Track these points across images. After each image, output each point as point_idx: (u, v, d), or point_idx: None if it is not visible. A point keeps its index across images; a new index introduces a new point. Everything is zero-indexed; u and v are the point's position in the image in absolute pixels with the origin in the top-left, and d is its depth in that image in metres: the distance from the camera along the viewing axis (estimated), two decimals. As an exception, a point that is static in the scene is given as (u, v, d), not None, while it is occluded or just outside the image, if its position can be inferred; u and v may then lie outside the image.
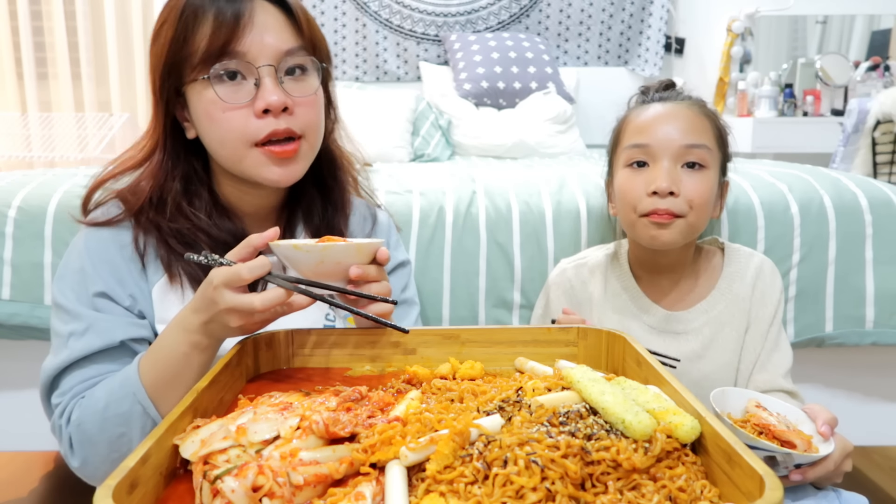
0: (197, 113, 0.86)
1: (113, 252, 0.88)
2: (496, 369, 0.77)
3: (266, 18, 0.83)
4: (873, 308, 1.27)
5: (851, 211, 1.29)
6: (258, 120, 0.83)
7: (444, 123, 2.69)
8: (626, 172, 1.05)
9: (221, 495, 0.48)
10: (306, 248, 0.72)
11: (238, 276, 0.69)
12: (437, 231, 1.27)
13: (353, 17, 3.20)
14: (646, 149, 1.02)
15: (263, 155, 0.85)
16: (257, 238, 0.74)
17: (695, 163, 1.00)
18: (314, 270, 0.74)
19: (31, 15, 3.32)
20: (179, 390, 0.76)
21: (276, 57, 0.83)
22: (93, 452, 0.80)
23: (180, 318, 0.77)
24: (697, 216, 1.01)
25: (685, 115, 1.02)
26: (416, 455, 0.51)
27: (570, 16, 3.28)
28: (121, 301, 0.87)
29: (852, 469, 0.89)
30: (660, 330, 1.07)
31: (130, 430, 0.78)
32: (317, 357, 0.81)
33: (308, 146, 0.89)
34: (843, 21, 3.66)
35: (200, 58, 0.81)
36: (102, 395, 0.79)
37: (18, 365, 1.36)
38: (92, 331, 0.84)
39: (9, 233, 1.27)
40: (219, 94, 0.82)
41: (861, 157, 2.58)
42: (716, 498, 0.49)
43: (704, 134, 1.02)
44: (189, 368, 0.77)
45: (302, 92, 0.86)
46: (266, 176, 0.86)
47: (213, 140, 0.86)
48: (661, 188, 0.98)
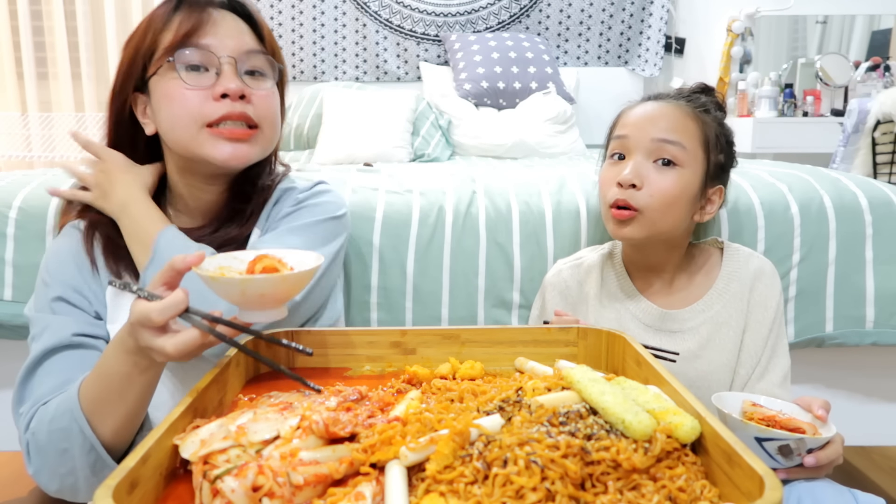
0: (157, 98, 0.90)
1: (67, 259, 0.93)
2: (496, 369, 0.77)
3: (229, 23, 0.91)
4: (873, 308, 1.27)
5: (851, 211, 1.29)
6: (215, 102, 0.88)
7: (444, 123, 2.69)
8: (606, 164, 1.07)
9: (221, 495, 0.48)
10: (224, 281, 0.67)
11: (148, 318, 0.66)
12: (436, 231, 1.27)
13: (353, 17, 3.20)
14: (623, 140, 1.03)
15: (212, 135, 0.88)
16: (180, 262, 0.69)
17: (668, 160, 1.00)
18: (241, 302, 0.69)
19: (31, 15, 3.32)
20: (122, 409, 0.75)
21: (238, 52, 0.90)
22: (44, 464, 0.80)
23: (119, 338, 0.73)
24: (660, 213, 1.00)
25: (669, 112, 1.02)
26: (416, 455, 0.51)
27: (570, 16, 3.28)
28: (77, 304, 0.90)
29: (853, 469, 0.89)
30: (656, 328, 1.07)
31: (72, 447, 0.77)
32: (317, 357, 0.81)
33: (263, 137, 0.92)
34: (843, 21, 3.66)
35: (166, 48, 0.88)
36: (52, 408, 0.79)
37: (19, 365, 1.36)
38: (48, 331, 0.87)
39: (10, 233, 1.27)
40: (181, 76, 0.87)
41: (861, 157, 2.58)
42: (716, 498, 0.49)
43: (684, 133, 1.01)
44: (132, 387, 0.74)
45: (259, 87, 0.92)
46: (215, 155, 0.88)
47: (167, 121, 0.90)
48: (624, 178, 1.00)
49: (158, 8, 0.91)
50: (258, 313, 0.70)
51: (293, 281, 0.69)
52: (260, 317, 0.70)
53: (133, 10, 3.36)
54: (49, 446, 0.78)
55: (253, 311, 0.70)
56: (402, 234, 1.25)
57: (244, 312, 0.70)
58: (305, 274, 0.69)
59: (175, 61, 0.87)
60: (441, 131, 2.66)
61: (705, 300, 1.08)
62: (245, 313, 0.70)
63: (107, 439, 0.76)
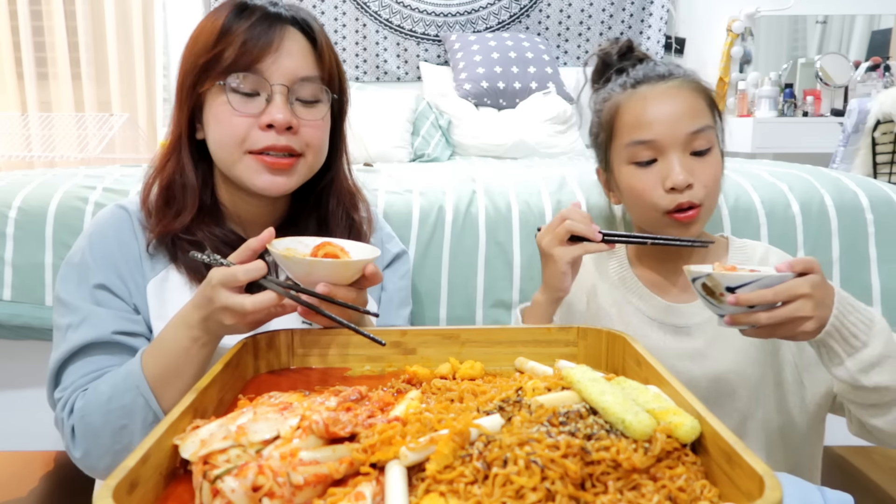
0: (208, 114, 0.90)
1: (113, 248, 0.91)
2: (496, 369, 0.77)
3: (291, 45, 0.88)
4: (880, 306, 1.27)
5: (852, 210, 1.29)
6: (260, 132, 0.87)
7: (444, 123, 2.70)
8: (632, 171, 1.00)
9: (221, 495, 0.48)
10: (295, 259, 0.76)
11: (234, 276, 0.73)
12: (436, 231, 1.27)
13: (353, 17, 3.20)
14: (651, 144, 0.98)
15: (256, 161, 0.88)
16: (255, 241, 0.78)
17: (702, 149, 0.97)
18: (304, 280, 0.77)
19: (31, 15, 3.32)
20: (181, 384, 0.79)
21: (292, 79, 0.88)
22: (95, 444, 0.81)
23: (182, 314, 0.79)
24: (713, 199, 0.99)
25: (683, 98, 0.98)
26: (416, 455, 0.51)
27: (570, 16, 3.28)
28: (120, 293, 0.89)
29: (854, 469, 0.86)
30: (659, 322, 1.04)
31: (133, 423, 0.80)
32: (317, 357, 0.81)
33: (305, 164, 0.91)
34: (843, 21, 3.66)
35: (223, 67, 0.86)
36: (106, 388, 0.81)
37: (19, 365, 1.36)
38: (87, 323, 0.86)
39: (9, 233, 1.27)
40: (231, 101, 0.86)
41: (861, 157, 2.58)
42: (716, 498, 0.49)
43: (703, 113, 0.99)
44: (190, 362, 0.79)
45: (310, 116, 0.90)
46: (255, 182, 0.89)
47: (214, 140, 0.90)
48: (679, 183, 0.95)
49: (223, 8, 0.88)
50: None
51: (354, 269, 0.78)
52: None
53: (133, 9, 3.36)
54: (105, 426, 0.80)
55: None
56: (402, 234, 1.25)
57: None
58: (363, 262, 0.78)
59: (226, 86, 0.86)
60: (441, 131, 2.66)
61: None
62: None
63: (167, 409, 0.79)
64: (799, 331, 0.80)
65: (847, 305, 0.82)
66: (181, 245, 0.91)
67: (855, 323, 0.82)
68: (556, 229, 0.94)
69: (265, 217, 0.97)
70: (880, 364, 0.82)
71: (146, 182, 0.95)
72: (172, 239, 0.91)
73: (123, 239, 0.92)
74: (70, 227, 1.27)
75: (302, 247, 0.82)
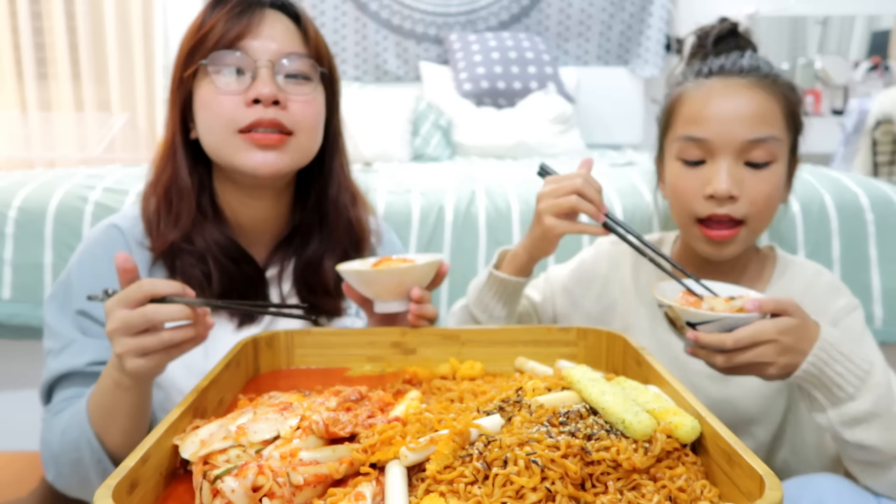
0: (196, 104, 0.88)
1: (103, 269, 0.87)
2: (496, 369, 0.77)
3: (274, 24, 0.87)
4: (881, 306, 1.27)
5: (853, 210, 1.29)
6: (247, 108, 0.84)
7: (444, 123, 2.69)
8: (678, 167, 0.91)
9: (221, 495, 0.48)
10: (389, 270, 0.79)
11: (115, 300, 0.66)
12: (436, 230, 1.27)
13: (353, 17, 3.19)
14: (702, 143, 0.88)
15: (244, 140, 0.85)
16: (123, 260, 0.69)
17: (765, 161, 0.86)
18: (395, 290, 0.80)
19: (31, 15, 3.32)
20: (117, 426, 0.75)
21: (276, 55, 0.86)
22: (58, 471, 0.81)
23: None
24: (761, 220, 0.88)
25: (750, 98, 0.87)
26: (416, 455, 0.51)
27: (570, 16, 3.28)
28: (100, 319, 0.86)
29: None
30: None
31: (83, 457, 0.77)
32: (317, 357, 0.81)
33: (297, 143, 0.87)
34: (843, 21, 3.66)
35: (206, 49, 0.85)
36: (64, 420, 0.80)
37: (19, 365, 1.36)
38: (66, 351, 0.85)
39: (9, 233, 1.27)
40: (215, 81, 0.85)
41: (861, 157, 2.58)
42: (716, 498, 0.49)
43: (774, 122, 0.87)
44: (118, 404, 0.74)
45: (299, 92, 0.87)
46: (245, 162, 0.85)
47: (204, 128, 0.87)
48: (720, 192, 0.85)
49: (207, 5, 0.88)
50: (396, 303, 0.81)
51: (434, 269, 0.83)
52: (397, 306, 0.81)
53: (133, 9, 3.35)
54: (63, 456, 0.79)
55: (391, 302, 0.81)
56: (403, 234, 1.25)
57: (381, 303, 0.82)
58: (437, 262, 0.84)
59: (209, 65, 0.85)
60: (441, 131, 2.66)
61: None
62: (383, 304, 0.82)
63: (115, 449, 0.77)
64: (762, 374, 0.74)
65: (836, 353, 0.74)
66: (182, 258, 0.88)
67: (842, 373, 0.75)
68: (560, 199, 0.86)
69: (266, 224, 0.95)
70: (867, 421, 0.75)
71: (145, 192, 0.93)
72: (172, 252, 0.88)
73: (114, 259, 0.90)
74: (70, 227, 1.27)
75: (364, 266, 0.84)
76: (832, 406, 0.76)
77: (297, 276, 0.94)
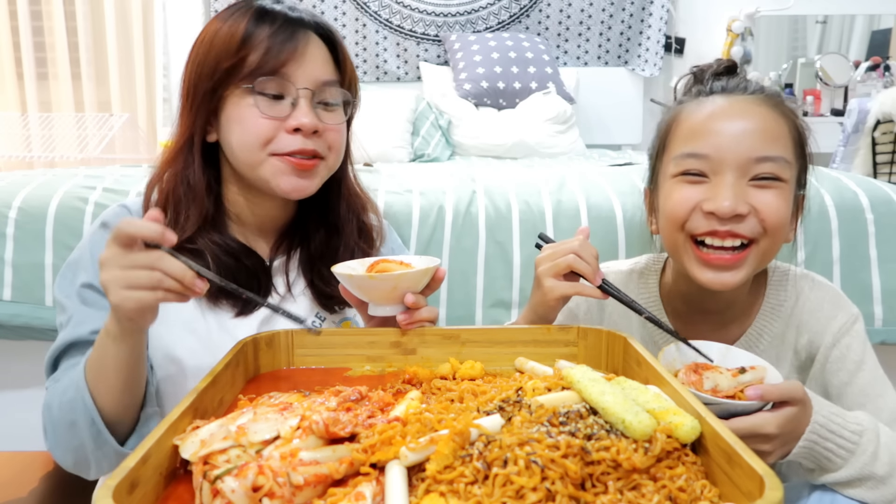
0: (229, 116, 0.88)
1: None
2: (496, 369, 0.77)
3: (315, 50, 0.89)
4: (881, 306, 1.27)
5: (853, 210, 1.29)
6: (288, 135, 0.87)
7: (444, 123, 2.70)
8: (674, 182, 0.84)
9: (221, 495, 0.48)
10: (383, 277, 0.78)
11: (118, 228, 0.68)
12: (436, 230, 1.27)
13: (353, 17, 3.20)
14: (704, 160, 0.80)
15: (282, 163, 0.88)
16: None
17: (768, 177, 0.80)
18: (389, 295, 0.79)
19: (31, 15, 3.32)
20: (108, 383, 0.76)
21: (316, 83, 0.89)
22: (56, 437, 0.82)
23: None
24: (772, 242, 0.81)
25: (757, 115, 0.81)
26: (416, 455, 0.51)
27: (570, 16, 3.28)
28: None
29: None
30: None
31: (78, 419, 0.78)
32: (317, 357, 0.81)
33: (325, 166, 0.92)
34: (843, 21, 3.66)
35: (249, 70, 0.86)
36: (64, 381, 0.82)
37: (19, 365, 1.36)
38: (72, 322, 0.86)
39: (9, 233, 1.27)
40: (258, 103, 0.86)
41: (861, 157, 2.58)
42: (716, 498, 0.49)
43: (782, 143, 0.80)
44: (108, 359, 0.75)
45: (332, 120, 0.91)
46: (279, 184, 0.88)
47: (236, 142, 0.88)
48: (723, 209, 0.77)
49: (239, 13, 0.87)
50: (391, 307, 0.80)
51: (429, 275, 0.80)
52: (392, 311, 0.80)
53: (133, 9, 3.36)
54: (62, 419, 0.80)
55: (385, 306, 0.80)
56: (402, 234, 1.25)
57: (375, 307, 0.80)
58: (433, 268, 0.81)
59: (254, 89, 0.86)
60: (441, 131, 2.66)
61: (744, 340, 0.89)
62: (378, 308, 0.80)
63: (107, 409, 0.77)
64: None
65: (827, 433, 0.74)
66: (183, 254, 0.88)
67: (832, 448, 0.75)
68: (558, 260, 0.85)
69: (273, 221, 0.97)
70: (860, 483, 0.77)
71: (149, 183, 0.94)
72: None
73: None
74: (70, 227, 1.27)
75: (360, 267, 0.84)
76: (824, 472, 0.79)
77: (305, 266, 0.97)
